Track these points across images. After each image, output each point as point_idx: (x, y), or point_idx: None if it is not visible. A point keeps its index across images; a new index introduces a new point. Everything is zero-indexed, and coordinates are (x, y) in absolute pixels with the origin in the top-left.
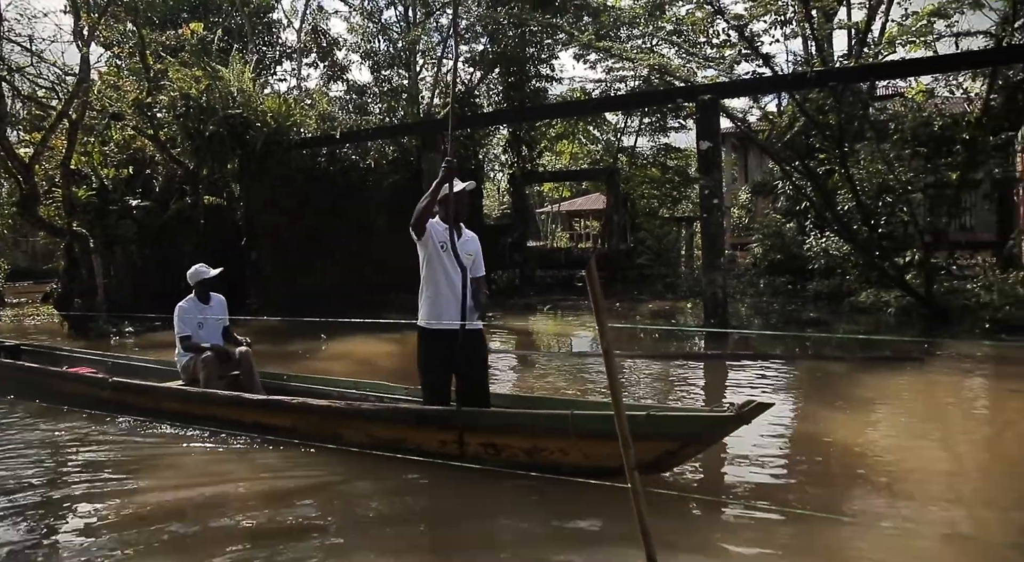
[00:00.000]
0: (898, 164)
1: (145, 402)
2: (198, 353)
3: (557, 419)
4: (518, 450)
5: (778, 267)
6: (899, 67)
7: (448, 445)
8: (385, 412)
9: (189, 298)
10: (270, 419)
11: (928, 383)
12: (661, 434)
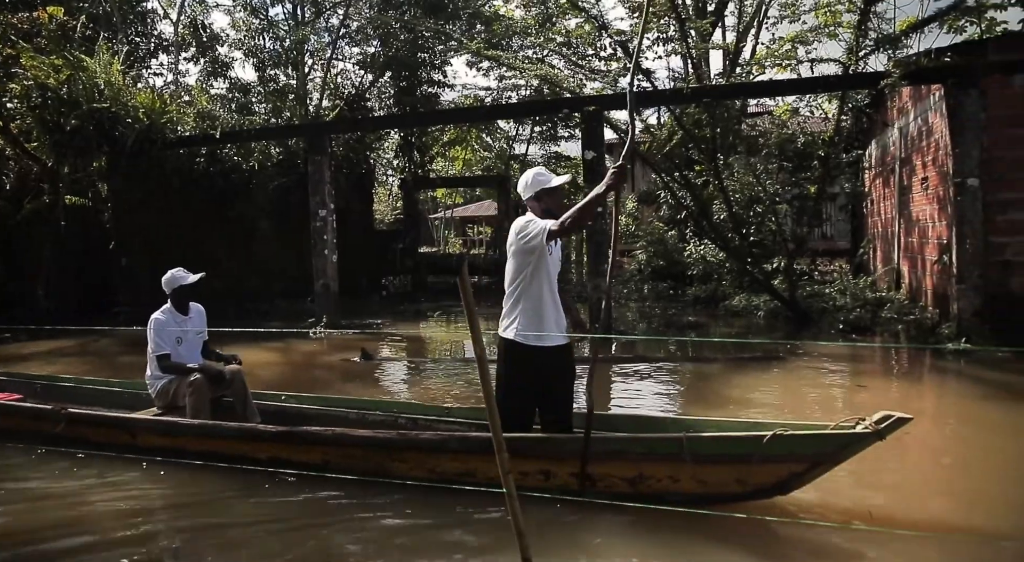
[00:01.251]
0: (766, 177)
1: (114, 437)
2: (183, 375)
3: (668, 443)
4: (618, 479)
5: (661, 273)
6: (765, 87)
7: (531, 477)
8: (452, 442)
9: (165, 309)
10: (295, 453)
11: (792, 380)
12: (789, 455)
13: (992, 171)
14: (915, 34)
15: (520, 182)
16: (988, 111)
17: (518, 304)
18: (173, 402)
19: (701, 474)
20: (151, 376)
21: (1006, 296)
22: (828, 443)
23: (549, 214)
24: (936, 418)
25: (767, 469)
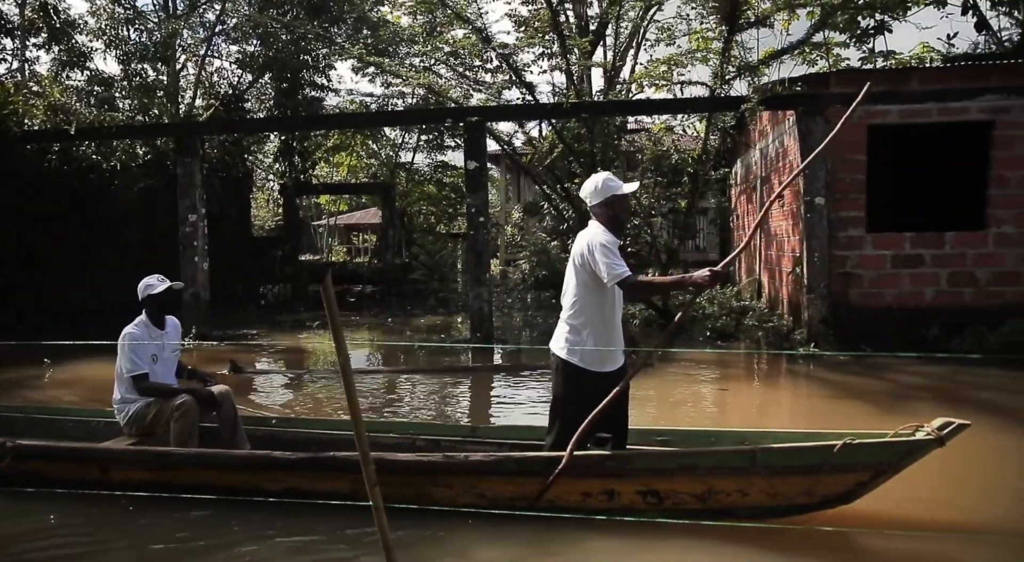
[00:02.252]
0: (643, 191)
1: (78, 472)
2: (166, 398)
3: (740, 456)
4: (687, 496)
5: (544, 282)
6: (640, 105)
7: (593, 498)
8: (508, 463)
9: (139, 321)
10: (319, 482)
11: (665, 385)
12: (856, 464)
13: (835, 191)
14: (774, 63)
15: (588, 186)
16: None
17: (583, 323)
18: (149, 428)
19: (772, 487)
20: (120, 400)
21: (847, 305)
22: (893, 451)
23: (615, 221)
24: (791, 417)
25: (835, 479)
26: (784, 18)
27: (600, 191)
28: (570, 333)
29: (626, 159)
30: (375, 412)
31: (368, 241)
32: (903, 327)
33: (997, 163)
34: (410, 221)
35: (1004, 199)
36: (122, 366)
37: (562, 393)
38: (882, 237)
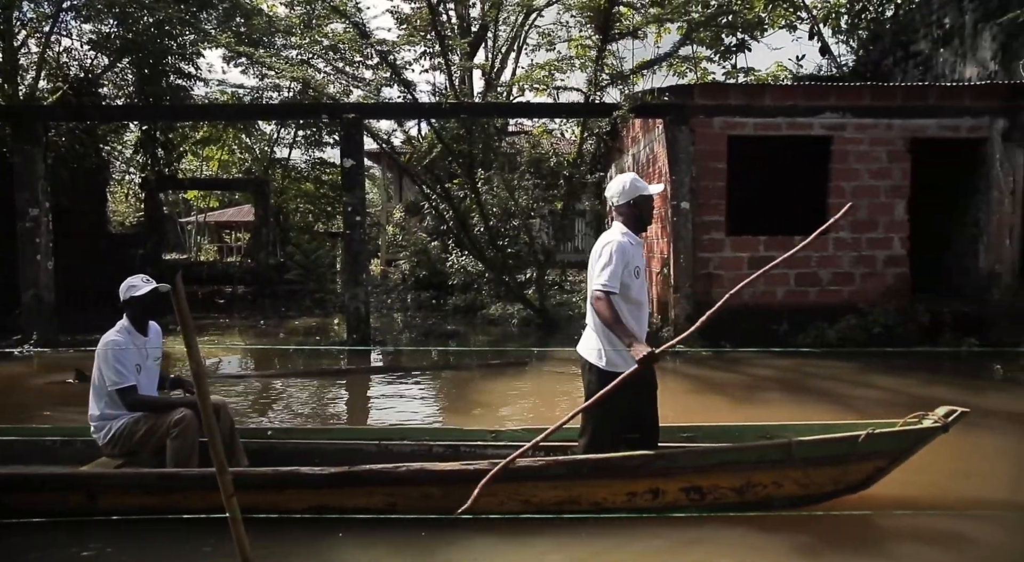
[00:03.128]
0: (522, 193)
1: (59, 501)
2: (161, 412)
3: (776, 449)
4: (727, 490)
5: (424, 283)
6: (517, 108)
7: (640, 497)
8: (556, 467)
9: (121, 327)
10: (351, 498)
11: (542, 383)
12: (876, 452)
13: (699, 197)
14: (648, 73)
15: (615, 187)
16: (696, 145)
17: (603, 331)
18: (137, 447)
19: (805, 477)
20: (99, 416)
21: (709, 304)
22: (908, 439)
23: (640, 221)
24: (662, 410)
25: (859, 467)
26: (655, 31)
27: (628, 191)
28: (596, 335)
29: (506, 161)
30: (246, 417)
31: (241, 240)
32: (758, 324)
33: (835, 174)
34: (286, 219)
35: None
36: (104, 378)
37: (594, 393)
38: (740, 240)
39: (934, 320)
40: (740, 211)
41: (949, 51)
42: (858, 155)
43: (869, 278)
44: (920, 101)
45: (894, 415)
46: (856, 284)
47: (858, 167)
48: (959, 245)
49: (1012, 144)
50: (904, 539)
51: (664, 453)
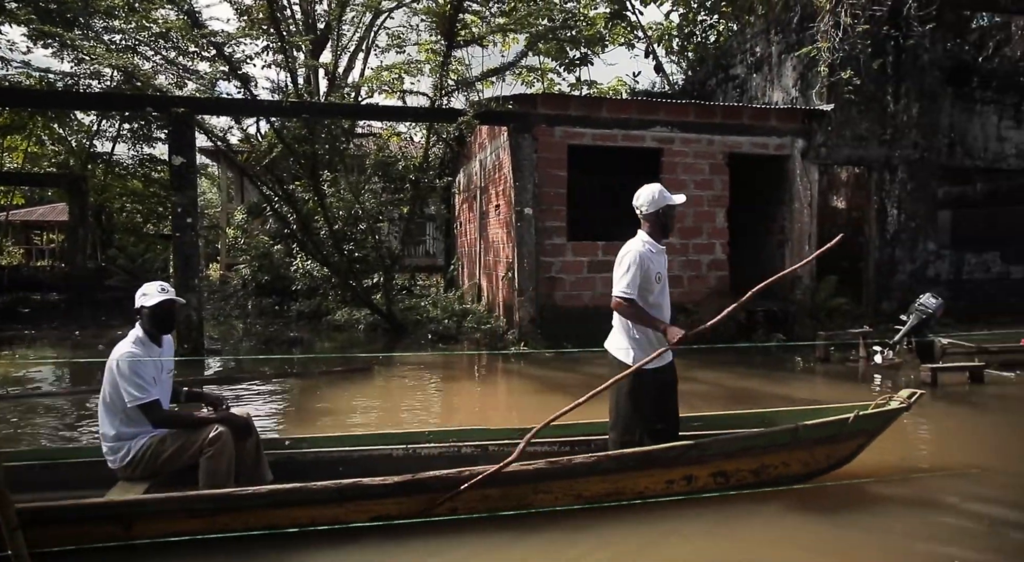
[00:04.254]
0: (370, 196)
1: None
2: (190, 429)
3: (786, 433)
4: (747, 472)
5: (266, 288)
6: (362, 110)
7: (676, 484)
8: (607, 462)
9: (136, 338)
10: (413, 505)
11: (391, 388)
12: (860, 431)
13: (542, 203)
14: (496, 81)
15: (644, 195)
16: (539, 153)
17: (631, 330)
18: (163, 468)
19: (807, 456)
20: (115, 436)
21: (552, 306)
22: (883, 418)
23: (665, 229)
24: (507, 411)
25: (848, 444)
26: (499, 40)
27: (657, 201)
28: (624, 335)
29: (354, 163)
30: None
31: (53, 241)
32: (596, 325)
33: (665, 184)
34: (109, 219)
35: None
36: (122, 393)
37: (623, 391)
38: (580, 245)
39: (749, 318)
40: (581, 217)
41: (760, 77)
42: (685, 166)
43: (695, 280)
44: (736, 120)
45: (715, 407)
46: (684, 286)
47: (685, 178)
48: (769, 250)
49: (808, 161)
50: (885, 500)
51: (698, 443)
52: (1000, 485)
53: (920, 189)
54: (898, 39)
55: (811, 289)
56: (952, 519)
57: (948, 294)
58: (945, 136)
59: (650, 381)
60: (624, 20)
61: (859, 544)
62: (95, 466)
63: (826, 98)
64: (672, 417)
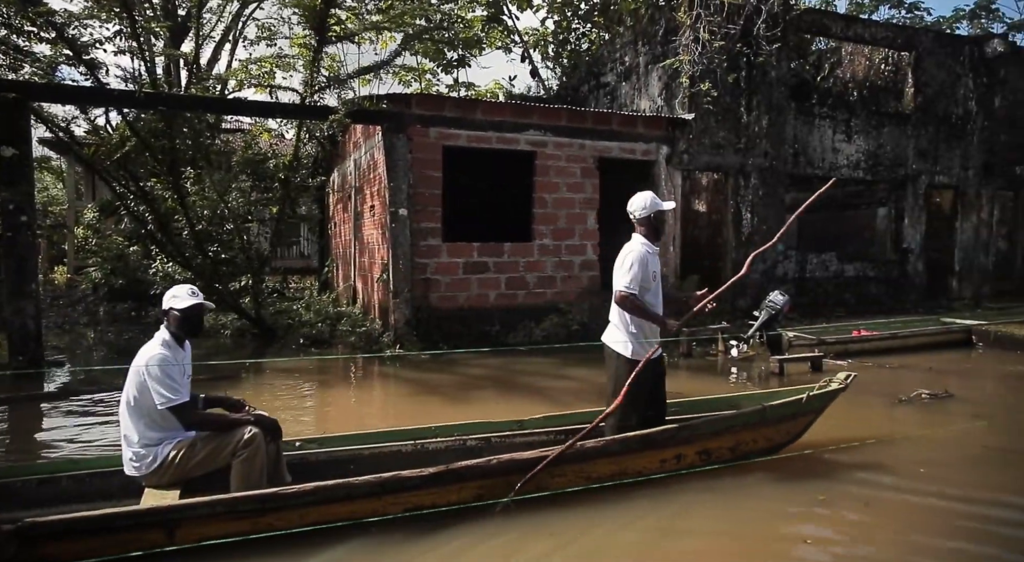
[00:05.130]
0: (238, 195)
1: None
2: (223, 431)
3: (756, 414)
4: (725, 449)
5: (121, 293)
6: (227, 104)
7: (668, 462)
8: (613, 445)
9: (163, 340)
10: (444, 495)
11: (256, 396)
12: (812, 409)
13: (417, 204)
14: (372, 79)
15: (638, 201)
16: (413, 154)
17: (633, 319)
18: (193, 471)
19: (771, 432)
20: (141, 441)
21: (428, 308)
22: (826, 398)
23: (657, 232)
24: (383, 416)
25: (801, 421)
26: (374, 38)
27: (649, 207)
28: (622, 329)
29: (221, 160)
30: None
31: None
32: (472, 325)
33: (538, 186)
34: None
35: (543, 216)
36: (152, 395)
37: (622, 380)
38: (455, 246)
39: None
40: (456, 218)
41: (629, 85)
42: (557, 170)
43: (568, 281)
44: (605, 126)
45: (588, 403)
46: (558, 286)
47: (557, 180)
48: None
49: (672, 167)
50: (832, 466)
51: (686, 425)
52: (900, 447)
53: (770, 194)
54: (750, 56)
55: (675, 287)
56: (887, 477)
57: (794, 291)
58: (790, 146)
59: (649, 371)
60: (501, 24)
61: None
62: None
63: (688, 108)
64: (661, 404)
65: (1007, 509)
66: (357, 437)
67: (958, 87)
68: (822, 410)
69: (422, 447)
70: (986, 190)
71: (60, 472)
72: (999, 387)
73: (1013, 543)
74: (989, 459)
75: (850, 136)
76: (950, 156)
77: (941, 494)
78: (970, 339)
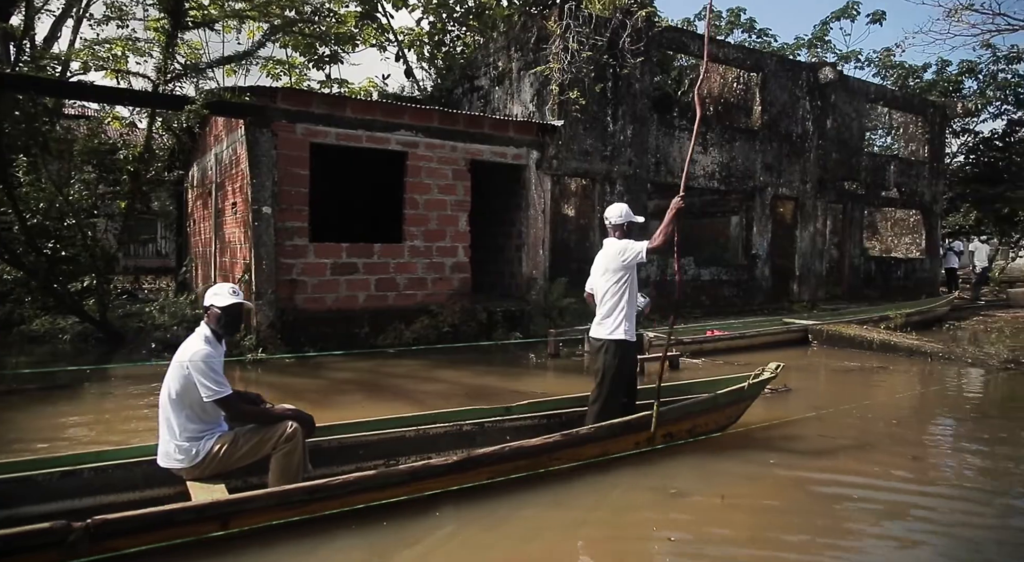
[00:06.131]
0: (82, 187)
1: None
2: (266, 424)
3: (710, 401)
4: (684, 430)
5: None
6: (63, 86)
7: (641, 443)
8: (601, 431)
9: (204, 336)
10: (463, 479)
11: (95, 406)
12: (752, 394)
13: (282, 202)
14: (237, 70)
15: (615, 211)
16: (278, 150)
17: (619, 309)
18: (236, 464)
19: (720, 416)
20: (187, 436)
21: (293, 309)
22: (763, 384)
23: (629, 237)
24: None
25: (741, 406)
26: (237, 26)
27: (625, 217)
28: (613, 318)
29: (62, 149)
30: None
31: None
32: (340, 328)
33: (410, 187)
34: None
35: (414, 217)
36: (197, 389)
37: (611, 365)
38: (323, 246)
39: (490, 318)
40: (326, 218)
41: (502, 90)
42: (429, 171)
43: (439, 282)
44: (478, 128)
45: (457, 405)
46: (428, 288)
47: (429, 182)
48: (508, 253)
49: (542, 172)
50: (770, 439)
51: (664, 411)
52: (749, 438)
53: (634, 201)
54: (616, 68)
55: (544, 290)
56: (740, 466)
57: (656, 293)
58: (653, 156)
59: (630, 353)
60: (375, 21)
61: (762, 472)
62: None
63: (557, 114)
64: (633, 391)
65: (846, 487)
66: (364, 425)
67: (797, 108)
68: (756, 397)
69: (423, 432)
70: (820, 203)
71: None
72: (830, 381)
73: (857, 514)
74: (825, 446)
75: (706, 148)
76: (791, 170)
77: (795, 479)
78: (806, 338)
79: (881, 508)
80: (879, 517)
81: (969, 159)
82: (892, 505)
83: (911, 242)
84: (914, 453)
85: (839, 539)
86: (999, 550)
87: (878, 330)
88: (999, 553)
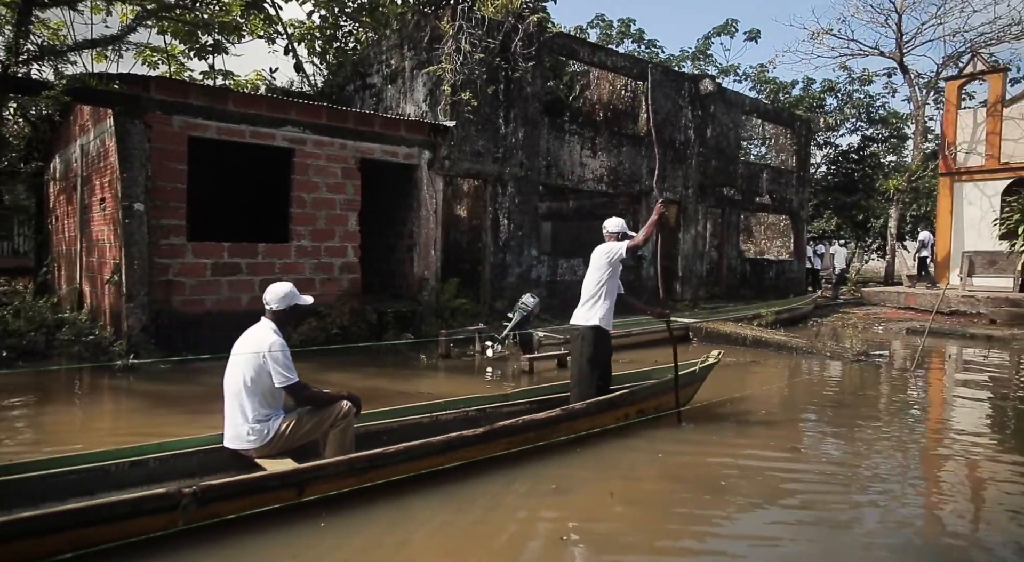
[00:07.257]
0: None
1: (265, 500)
2: (325, 405)
3: (671, 382)
4: (651, 407)
5: None
6: None
7: (620, 418)
8: (592, 407)
9: (272, 328)
10: (485, 450)
11: None
12: (701, 377)
13: (156, 198)
14: (109, 56)
15: (613, 223)
16: (152, 143)
17: (602, 301)
18: (299, 441)
19: (682, 395)
20: (256, 417)
21: (169, 312)
22: (709, 368)
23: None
24: (114, 431)
25: (693, 387)
26: (104, 7)
27: (620, 228)
28: (596, 308)
29: None
30: None
31: None
32: (222, 331)
33: (297, 185)
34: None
35: (301, 217)
36: (272, 377)
37: (591, 352)
38: (203, 246)
39: (380, 319)
40: (206, 216)
41: (395, 88)
42: (317, 169)
43: (328, 283)
44: (368, 127)
45: None
46: (317, 289)
47: (317, 180)
48: (400, 253)
49: (434, 172)
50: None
51: (633, 392)
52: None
53: (525, 203)
54: (508, 71)
55: (436, 290)
56: (634, 453)
57: (546, 293)
58: (544, 158)
59: (608, 341)
60: (262, 12)
61: (553, 490)
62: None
63: (450, 115)
64: (608, 374)
65: (729, 468)
66: (382, 413)
67: (680, 117)
68: (704, 379)
69: (436, 418)
70: (702, 207)
71: (148, 454)
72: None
73: (737, 491)
74: (707, 436)
75: (595, 152)
76: (675, 176)
77: (697, 460)
78: (688, 335)
79: (760, 483)
80: (760, 493)
81: (831, 169)
82: (769, 479)
83: (782, 245)
84: (784, 436)
85: (722, 516)
86: (860, 513)
87: (751, 327)
88: (861, 517)
